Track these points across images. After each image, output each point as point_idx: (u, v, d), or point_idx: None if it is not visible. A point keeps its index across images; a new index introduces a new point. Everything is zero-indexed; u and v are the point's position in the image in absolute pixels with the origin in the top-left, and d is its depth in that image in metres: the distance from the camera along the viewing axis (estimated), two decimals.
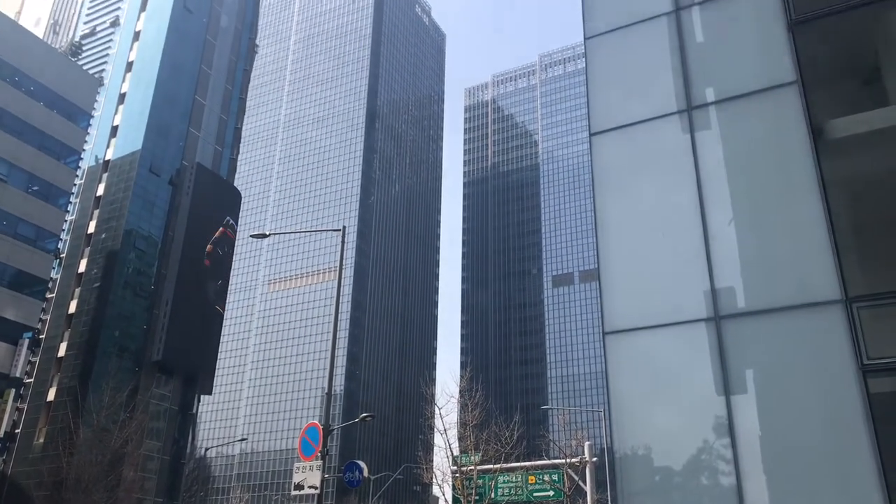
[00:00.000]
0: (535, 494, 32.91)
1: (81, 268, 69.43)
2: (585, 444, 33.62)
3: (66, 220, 65.70)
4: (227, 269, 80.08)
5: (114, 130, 75.72)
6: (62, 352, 65.75)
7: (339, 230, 22.02)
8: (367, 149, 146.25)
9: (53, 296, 67.81)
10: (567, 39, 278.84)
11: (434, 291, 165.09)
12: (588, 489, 31.55)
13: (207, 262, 71.76)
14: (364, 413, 42.12)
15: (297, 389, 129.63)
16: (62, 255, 69.27)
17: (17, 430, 61.63)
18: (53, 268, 64.11)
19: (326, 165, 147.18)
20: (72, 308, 67.74)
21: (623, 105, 11.50)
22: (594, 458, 32.50)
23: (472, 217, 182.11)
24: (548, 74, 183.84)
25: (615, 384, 10.01)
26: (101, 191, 72.61)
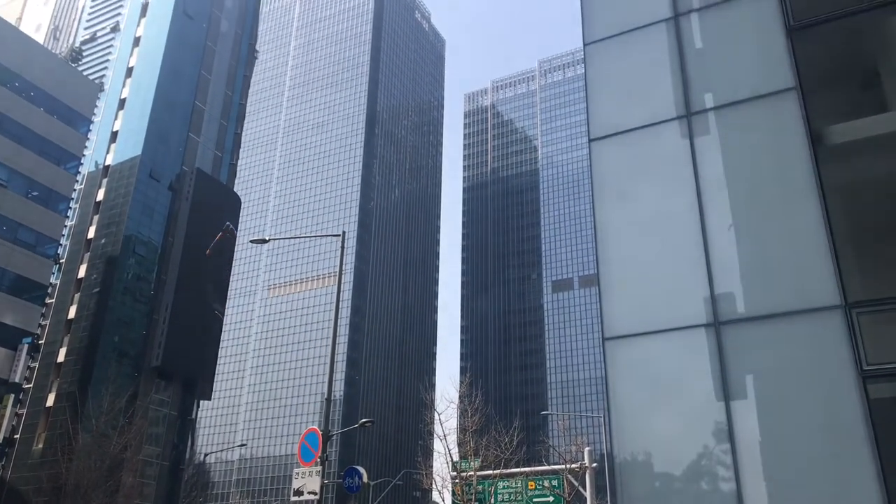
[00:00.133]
0: (535, 500, 32.84)
1: (81, 273, 69.37)
2: (585, 450, 33.56)
3: (66, 226, 65.69)
4: (227, 273, 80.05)
5: (114, 136, 75.72)
6: (61, 357, 65.63)
7: (339, 235, 22.00)
8: (367, 154, 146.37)
9: (53, 301, 67.74)
10: (566, 45, 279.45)
11: (433, 296, 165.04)
12: (588, 495, 31.48)
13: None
14: (363, 418, 42.10)
15: (297, 395, 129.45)
16: (62, 261, 69.22)
17: (16, 436, 61.48)
18: (53, 273, 64.07)
19: (326, 171, 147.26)
20: (71, 313, 67.65)
21: (622, 111, 11.52)
22: (594, 464, 32.42)
23: (472, 222, 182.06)
24: (547, 80, 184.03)
25: (615, 390, 10.01)
26: (101, 196, 72.58)
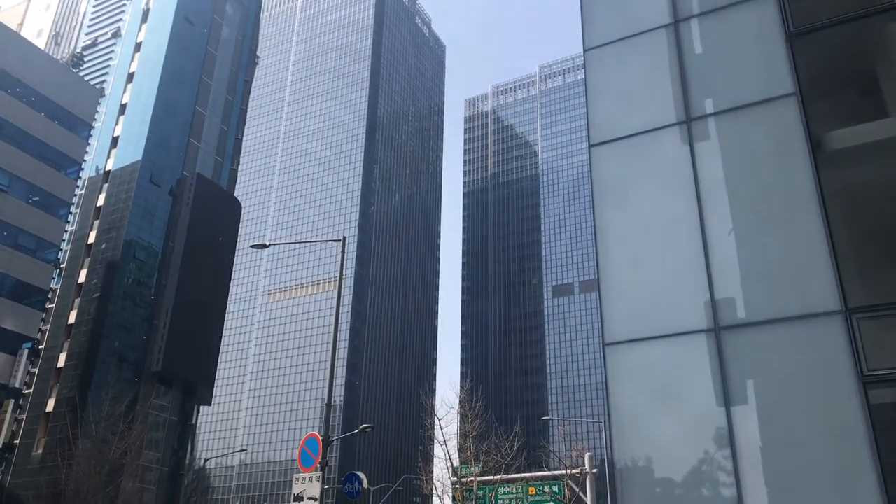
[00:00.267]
0: None
1: (81, 278, 69.38)
2: (586, 456, 33.50)
3: (67, 231, 65.72)
4: (228, 278, 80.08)
5: (114, 141, 75.83)
6: (61, 362, 65.60)
7: (340, 240, 22.01)
8: (368, 159, 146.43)
9: (53, 306, 67.73)
10: (567, 51, 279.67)
11: (434, 301, 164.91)
12: (588, 500, 31.40)
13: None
14: (364, 424, 41.99)
15: (297, 400, 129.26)
16: (62, 266, 69.22)
17: (16, 441, 61.41)
18: (53, 278, 64.06)
19: (326, 176, 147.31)
20: (71, 318, 67.64)
21: (622, 116, 11.53)
22: (594, 470, 32.37)
23: (472, 227, 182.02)
24: (547, 85, 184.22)
25: (615, 395, 10.00)
26: (102, 201, 72.65)
